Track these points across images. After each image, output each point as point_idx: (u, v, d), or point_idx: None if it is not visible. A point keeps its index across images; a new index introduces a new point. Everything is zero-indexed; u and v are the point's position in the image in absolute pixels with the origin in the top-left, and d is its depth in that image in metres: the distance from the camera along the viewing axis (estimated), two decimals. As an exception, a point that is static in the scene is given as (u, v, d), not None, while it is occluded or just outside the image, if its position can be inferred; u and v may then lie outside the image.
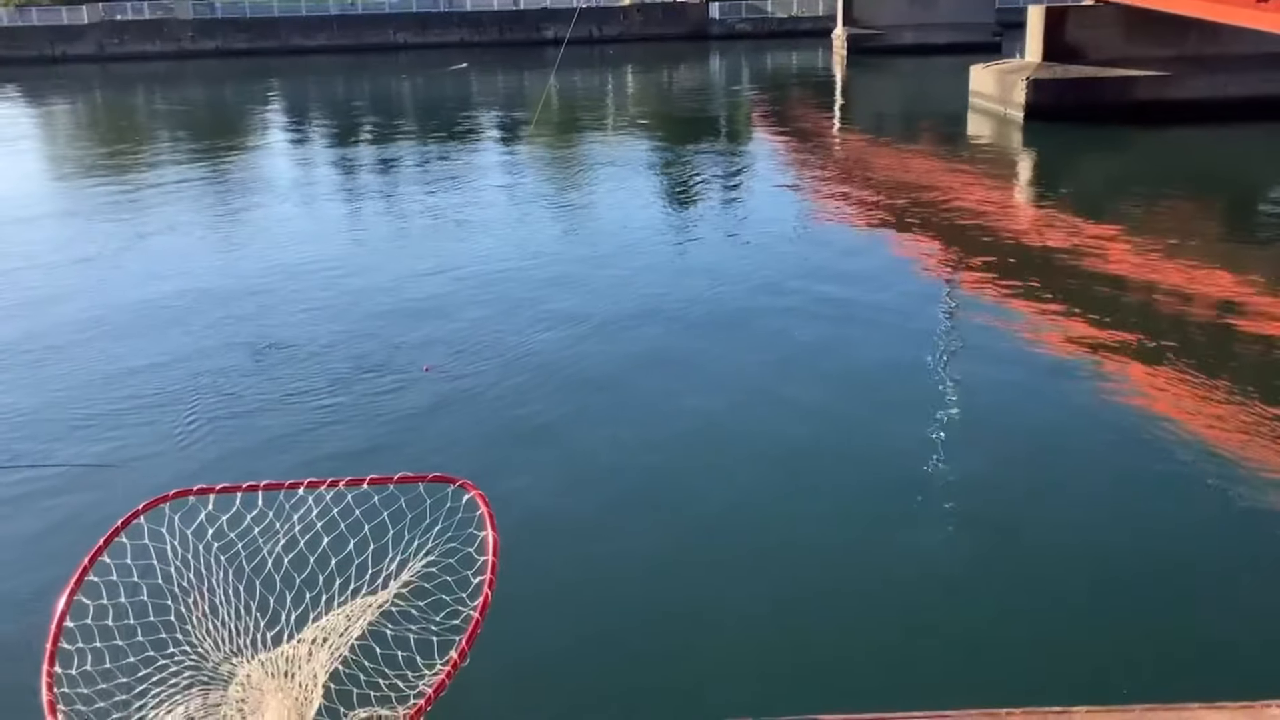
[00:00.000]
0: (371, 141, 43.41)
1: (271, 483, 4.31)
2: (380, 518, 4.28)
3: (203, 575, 4.29)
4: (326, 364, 15.30)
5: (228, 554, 4.32)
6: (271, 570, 4.32)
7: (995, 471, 11.80)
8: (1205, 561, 9.71)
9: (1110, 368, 15.22)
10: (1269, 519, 10.42)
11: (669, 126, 45.23)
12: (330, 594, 4.26)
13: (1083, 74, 38.98)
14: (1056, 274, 20.12)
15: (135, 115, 58.05)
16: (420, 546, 4.27)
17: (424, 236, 24.28)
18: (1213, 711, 3.67)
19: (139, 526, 4.23)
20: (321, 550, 4.25)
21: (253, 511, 4.30)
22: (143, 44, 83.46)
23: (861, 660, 8.24)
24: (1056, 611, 8.91)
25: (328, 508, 4.25)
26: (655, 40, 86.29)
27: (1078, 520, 10.64)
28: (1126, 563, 9.71)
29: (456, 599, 4.07)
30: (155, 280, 20.90)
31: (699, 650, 8.51)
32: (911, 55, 68.93)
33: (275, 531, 4.29)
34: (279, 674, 4.02)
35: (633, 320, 17.44)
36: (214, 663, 4.19)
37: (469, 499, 4.18)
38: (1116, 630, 8.60)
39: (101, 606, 4.13)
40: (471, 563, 4.02)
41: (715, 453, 12.55)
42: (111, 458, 12.41)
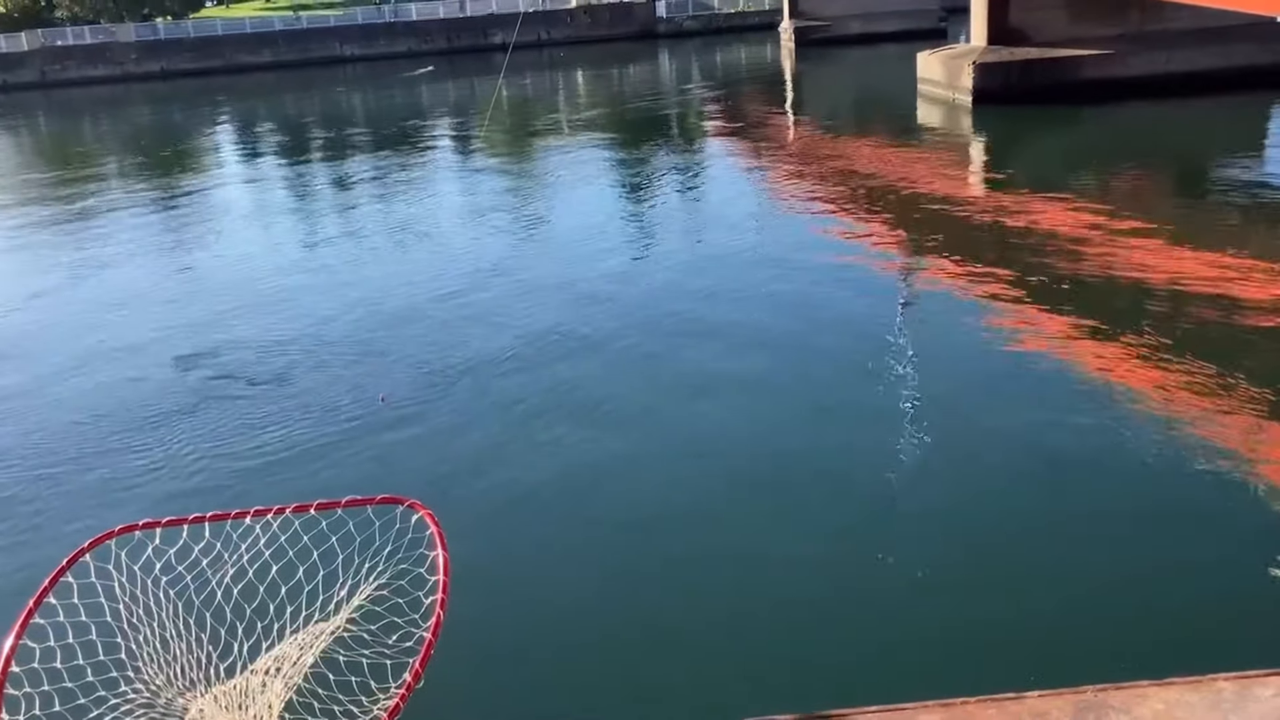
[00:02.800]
0: (322, 158, 43.12)
1: (218, 513, 4.27)
2: (329, 543, 4.24)
3: (152, 611, 4.23)
4: (277, 394, 15.10)
5: (176, 588, 4.27)
6: (221, 602, 4.27)
7: (948, 457, 11.89)
8: (1151, 541, 9.83)
9: (1066, 340, 15.39)
10: (1215, 496, 10.56)
11: (622, 127, 45.25)
12: (282, 623, 4.22)
13: (1028, 56, 39.29)
14: (1010, 251, 20.31)
15: (82, 142, 57.35)
16: (371, 569, 4.24)
17: (378, 256, 24.00)
18: (1162, 688, 3.72)
19: (85, 565, 4.17)
20: (271, 579, 4.21)
21: (200, 544, 4.25)
22: (86, 69, 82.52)
23: (812, 656, 8.30)
24: (1007, 599, 9.01)
25: (275, 536, 4.21)
26: (604, 41, 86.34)
27: (1029, 505, 10.74)
28: (1074, 547, 9.83)
29: (409, 620, 4.04)
30: (99, 312, 20.59)
31: (656, 660, 8.53)
32: (859, 45, 69.41)
33: (224, 562, 4.24)
34: (233, 706, 3.98)
35: (589, 329, 17.37)
36: (167, 699, 4.14)
37: (418, 519, 4.15)
38: (1067, 614, 8.73)
39: (49, 649, 4.07)
40: (423, 583, 4.00)
41: (674, 457, 12.55)
42: (56, 495, 12.25)
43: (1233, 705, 3.59)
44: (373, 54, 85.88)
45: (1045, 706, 3.67)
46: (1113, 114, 35.93)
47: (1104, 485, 10.99)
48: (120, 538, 4.26)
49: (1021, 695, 3.70)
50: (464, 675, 7.46)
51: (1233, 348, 14.77)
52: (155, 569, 4.25)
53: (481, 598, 8.95)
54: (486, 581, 9.41)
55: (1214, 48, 37.81)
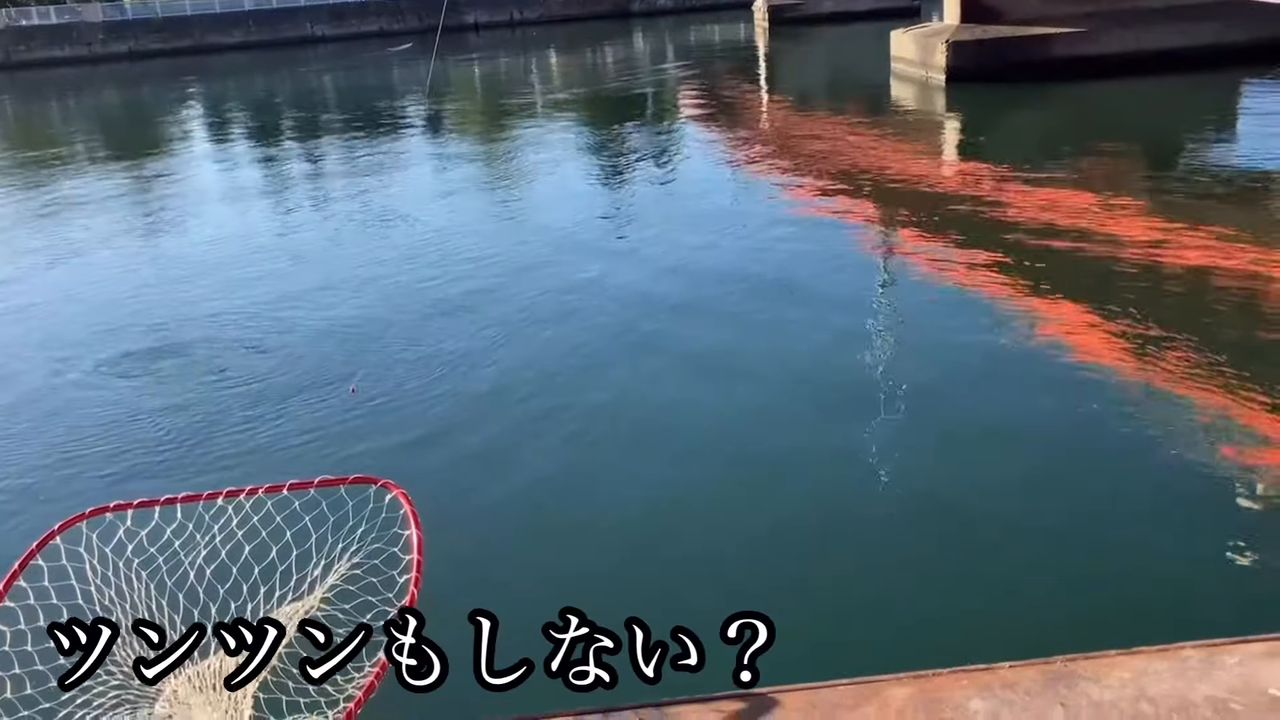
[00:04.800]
0: (293, 138, 42.81)
1: (190, 494, 4.25)
2: (302, 523, 4.23)
3: (124, 592, 4.21)
4: (244, 380, 14.96)
5: (149, 569, 4.25)
6: (194, 583, 4.25)
7: (921, 432, 11.97)
8: (1120, 515, 9.93)
9: (1037, 313, 15.48)
10: (1183, 470, 10.67)
11: (596, 107, 45.10)
12: (256, 603, 4.21)
13: (1000, 34, 39.38)
14: (982, 227, 20.38)
15: (48, 124, 56.65)
16: (345, 549, 4.23)
17: (347, 240, 23.69)
18: (1130, 657, 3.77)
19: (55, 548, 4.14)
20: (245, 559, 4.20)
21: (172, 525, 4.23)
22: (51, 49, 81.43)
23: (783, 629, 8.33)
24: (979, 572, 9.10)
25: (248, 516, 4.20)
26: (577, 20, 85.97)
27: (999, 480, 10.82)
28: (1044, 521, 9.91)
29: (383, 599, 4.04)
30: (67, 297, 20.36)
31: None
32: (832, 23, 69.44)
33: (197, 543, 4.22)
34: (207, 687, 3.97)
35: (561, 309, 17.28)
36: (140, 680, 4.13)
37: (391, 498, 4.15)
38: (1037, 587, 8.82)
39: (20, 632, 4.05)
40: (397, 562, 4.00)
41: (648, 435, 12.57)
42: (23, 480, 12.19)
43: (1199, 673, 3.65)
44: (344, 34, 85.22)
45: (1015, 677, 3.71)
46: (1084, 92, 36.08)
47: (1073, 460, 11.08)
48: (91, 519, 4.23)
49: (993, 667, 3.75)
50: None
51: (1206, 320, 14.92)
52: (127, 551, 4.23)
53: (455, 576, 8.97)
54: (460, 561, 9.43)
55: (1184, 26, 38.00)
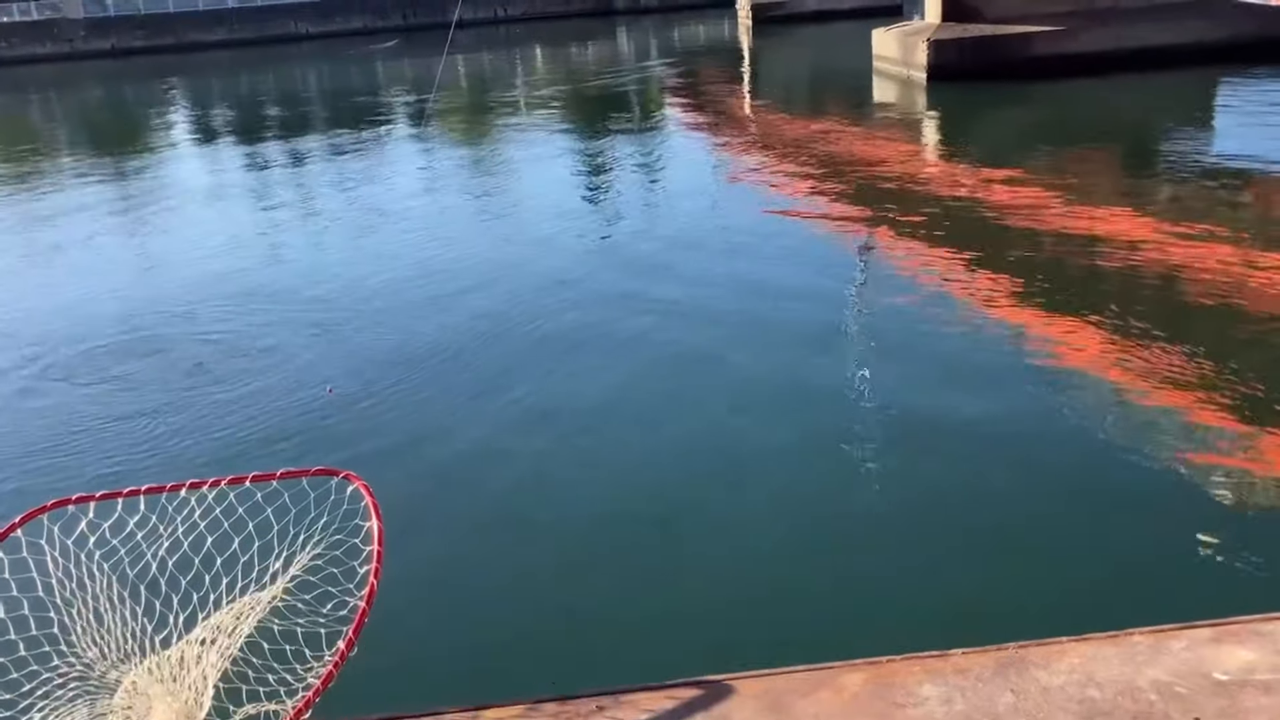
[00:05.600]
0: (276, 136, 42.73)
1: (153, 486, 4.27)
2: (265, 514, 4.25)
3: (86, 585, 4.23)
4: (218, 377, 14.95)
5: (111, 561, 4.26)
6: (157, 574, 4.27)
7: (885, 425, 12.08)
8: (1072, 507, 10.07)
9: (1012, 310, 15.59)
10: (1141, 465, 10.80)
11: (579, 105, 45.12)
12: (218, 594, 4.23)
13: (981, 33, 39.54)
14: (963, 224, 20.50)
15: (28, 122, 56.36)
16: (307, 540, 4.25)
17: (329, 238, 23.67)
18: (1080, 643, 3.83)
19: (16, 540, 4.15)
20: (207, 551, 4.22)
21: (135, 517, 4.24)
22: (32, 46, 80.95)
23: (738, 617, 8.50)
24: (933, 561, 9.23)
25: (210, 508, 4.22)
26: (561, 18, 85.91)
27: (955, 471, 10.94)
28: (997, 512, 10.06)
29: (343, 590, 4.07)
30: (45, 293, 20.30)
31: (585, 627, 8.65)
32: (816, 22, 69.55)
33: (159, 535, 4.24)
34: (166, 678, 3.99)
35: (541, 308, 17.22)
36: (100, 671, 4.15)
37: (353, 490, 4.18)
38: (990, 576, 8.97)
39: (-20, 624, 4.07)
40: (358, 553, 4.03)
41: (626, 431, 12.64)
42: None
43: (1147, 658, 3.71)
44: (329, 31, 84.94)
45: (968, 663, 3.76)
46: (1064, 90, 36.25)
47: (1030, 453, 11.22)
48: (53, 512, 4.25)
49: (946, 654, 3.80)
50: (397, 643, 7.56)
51: (1182, 318, 15.06)
52: (89, 543, 4.24)
53: (418, 568, 9.04)
54: (423, 552, 9.49)
55: (1165, 24, 38.23)
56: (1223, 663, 3.66)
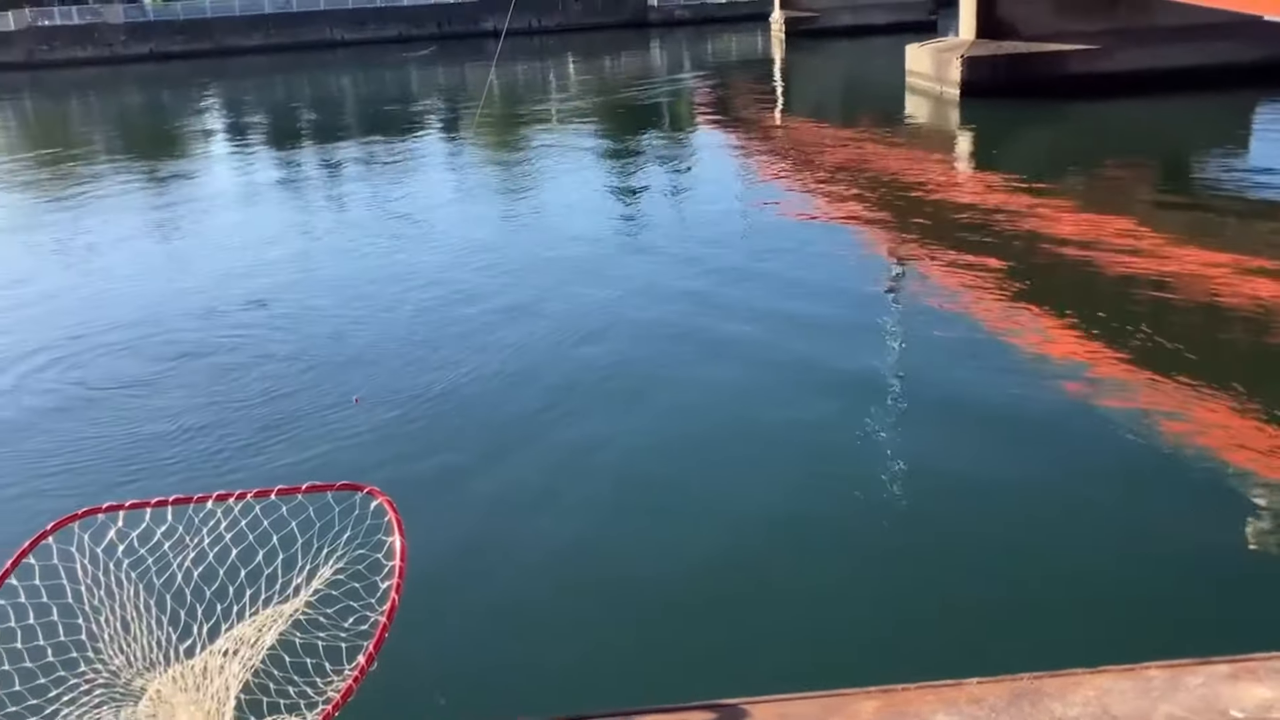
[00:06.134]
0: (311, 142, 43.12)
1: (180, 497, 4.32)
2: (289, 527, 4.30)
3: (114, 593, 4.29)
4: (246, 386, 15.10)
5: (138, 570, 4.32)
6: (182, 584, 4.33)
7: (906, 444, 12.06)
8: (1091, 537, 10.02)
9: (1042, 329, 15.55)
10: (1167, 487, 10.75)
11: (612, 116, 45.29)
12: (241, 605, 4.28)
13: (1015, 50, 39.45)
14: (992, 242, 20.39)
15: (68, 124, 57.11)
16: (330, 554, 4.30)
17: (361, 246, 23.81)
18: (1095, 675, 3.82)
19: (47, 547, 4.22)
20: (231, 562, 4.28)
21: (162, 527, 4.30)
22: (73, 50, 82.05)
23: (753, 641, 8.50)
24: (948, 589, 9.20)
25: (236, 520, 4.27)
26: (595, 30, 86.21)
27: (976, 495, 10.91)
28: (1016, 539, 10.04)
29: (365, 604, 4.11)
30: (81, 295, 20.57)
31: (600, 647, 8.68)
32: (849, 36, 69.49)
33: (185, 546, 4.30)
34: (190, 686, 4.04)
35: (574, 319, 17.33)
36: (126, 679, 4.20)
37: (377, 505, 4.22)
38: (1006, 605, 8.94)
39: (9, 630, 4.14)
40: (380, 568, 4.07)
41: (647, 447, 12.67)
42: (24, 475, 12.38)
43: (1162, 692, 3.70)
44: (363, 38, 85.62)
45: (982, 693, 3.76)
46: (1098, 109, 36.09)
47: (1052, 483, 11.15)
48: (84, 520, 4.31)
49: (960, 683, 3.80)
50: (416, 660, 7.61)
51: (1212, 342, 14.97)
52: (118, 551, 4.31)
53: (438, 584, 9.11)
54: (445, 568, 9.55)
55: (1200, 45, 37.98)
56: (1240, 700, 3.65)
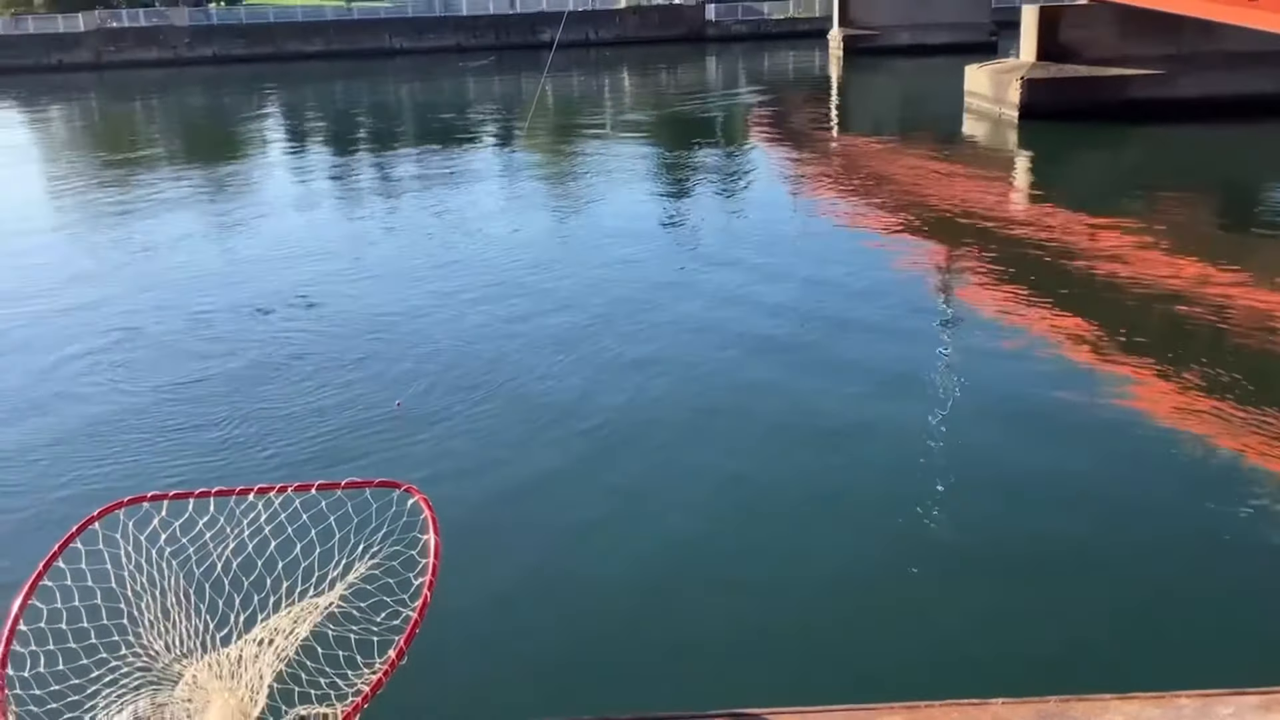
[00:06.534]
0: (367, 148, 43.64)
1: (223, 489, 4.41)
2: (327, 522, 4.38)
3: (155, 579, 4.38)
4: (297, 383, 15.33)
5: (179, 558, 4.42)
6: (221, 574, 4.42)
7: (948, 469, 11.98)
8: (1126, 562, 9.91)
9: (1106, 364, 15.35)
10: (1213, 518, 10.59)
11: (665, 129, 45.38)
12: (278, 596, 4.36)
13: (1077, 73, 39.08)
14: (1049, 269, 20.22)
15: (133, 123, 58.25)
16: (366, 549, 4.37)
17: (411, 252, 24.06)
18: (1125, 701, 3.78)
19: (94, 533, 4.33)
20: (270, 554, 4.35)
21: (204, 517, 4.40)
22: (139, 51, 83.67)
23: (782, 652, 8.52)
24: (977, 608, 9.18)
25: (276, 513, 4.36)
26: (651, 43, 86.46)
27: (1011, 519, 10.84)
28: (1047, 561, 9.97)
29: (398, 600, 4.18)
30: (137, 294, 20.95)
31: (627, 654, 8.72)
32: (907, 55, 69.03)
33: (226, 536, 4.39)
34: (225, 674, 4.13)
35: (621, 332, 17.38)
36: (164, 664, 4.30)
37: (413, 503, 4.29)
38: (1034, 625, 8.88)
39: (55, 610, 4.24)
40: (414, 565, 4.13)
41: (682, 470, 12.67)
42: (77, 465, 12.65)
43: (1193, 722, 3.67)
44: (421, 47, 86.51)
45: (1008, 714, 3.75)
46: (1161, 135, 35.62)
47: (1092, 506, 11.06)
48: (129, 508, 4.42)
49: (985, 702, 3.79)
50: (445, 656, 7.70)
51: (1272, 372, 14.71)
52: (160, 540, 4.41)
53: (471, 583, 9.19)
54: (479, 568, 9.64)
55: (1266, 71, 37.38)
56: (1271, 731, 3.61)
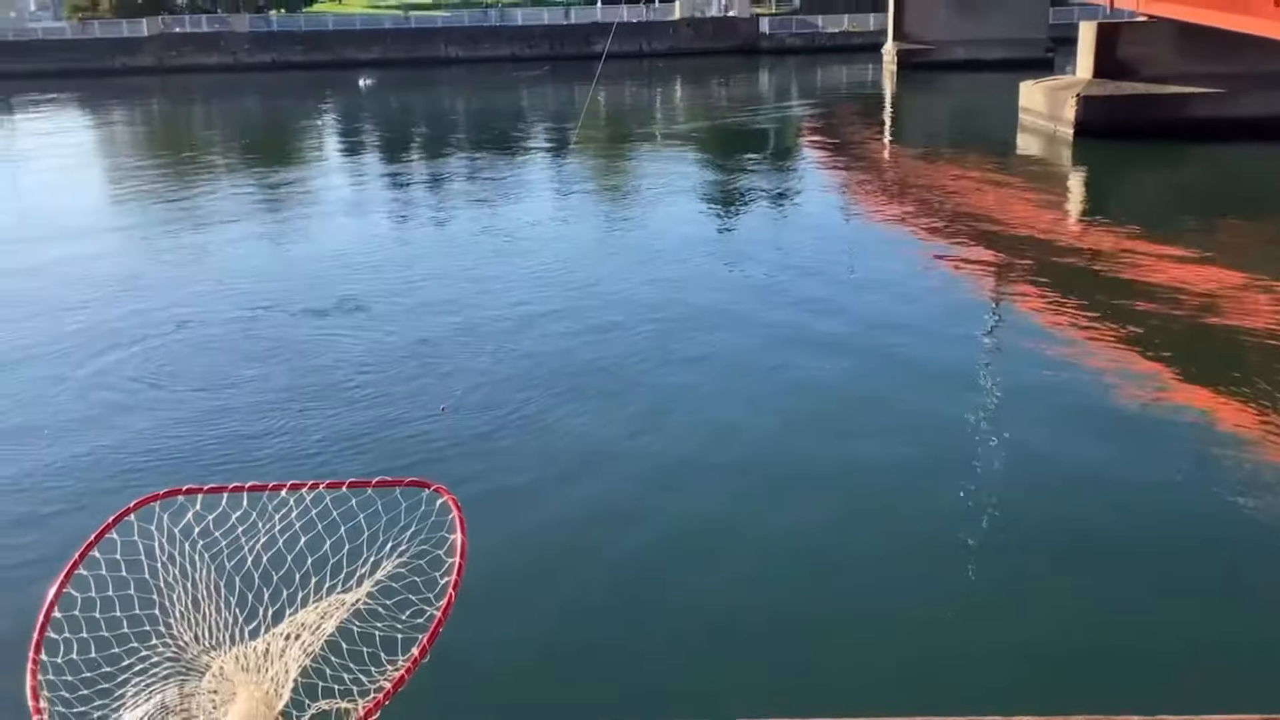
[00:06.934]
0: (420, 156, 44.04)
1: (256, 484, 4.46)
2: (357, 519, 4.41)
3: (187, 571, 4.44)
4: (347, 382, 15.51)
5: (211, 551, 4.47)
6: (251, 568, 4.47)
7: (995, 484, 11.87)
8: (1164, 586, 9.79)
9: (1161, 387, 15.11)
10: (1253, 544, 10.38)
11: (716, 141, 45.36)
12: (306, 591, 4.40)
13: (1134, 91, 38.57)
14: (1101, 290, 19.93)
15: (193, 126, 59.26)
16: (394, 548, 4.40)
17: (466, 259, 24.16)
18: (1157, 725, 3.72)
19: (129, 524, 4.40)
20: (299, 549, 4.40)
21: (237, 511, 4.45)
22: (200, 56, 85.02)
23: (810, 662, 8.48)
24: (1009, 623, 9.11)
25: (307, 509, 4.40)
26: (705, 54, 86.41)
27: (1052, 534, 10.73)
28: (1082, 582, 9.86)
29: (423, 598, 4.21)
30: (191, 293, 21.28)
31: (649, 661, 8.73)
32: (962, 71, 68.48)
33: (258, 531, 4.43)
34: (251, 668, 4.17)
35: (667, 343, 17.37)
36: (192, 654, 4.35)
37: (442, 503, 4.31)
38: (1064, 642, 8.77)
39: (89, 599, 4.31)
40: (440, 564, 4.16)
41: (729, 468, 12.66)
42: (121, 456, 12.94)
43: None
44: (477, 56, 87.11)
45: (1036, 733, 3.69)
46: (1220, 154, 35.05)
47: (1135, 523, 10.92)
48: (165, 500, 4.48)
49: (1009, 718, 3.73)
50: (465, 656, 7.75)
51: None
52: (194, 532, 4.46)
53: (497, 585, 9.25)
54: (505, 571, 9.70)
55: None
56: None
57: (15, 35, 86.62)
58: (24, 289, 21.77)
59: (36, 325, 19.07)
